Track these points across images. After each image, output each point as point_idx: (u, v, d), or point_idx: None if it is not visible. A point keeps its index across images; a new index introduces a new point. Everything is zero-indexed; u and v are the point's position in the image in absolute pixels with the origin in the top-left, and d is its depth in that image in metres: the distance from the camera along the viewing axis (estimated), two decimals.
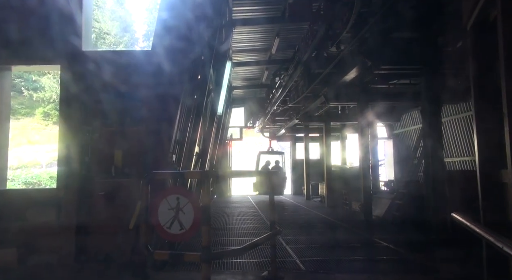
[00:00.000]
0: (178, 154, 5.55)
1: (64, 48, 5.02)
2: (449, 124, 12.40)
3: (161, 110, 4.79)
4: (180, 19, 5.20)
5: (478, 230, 3.52)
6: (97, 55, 5.16)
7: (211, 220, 9.20)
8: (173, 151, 4.76)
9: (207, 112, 9.67)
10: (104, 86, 4.96)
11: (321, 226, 9.12)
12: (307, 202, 16.04)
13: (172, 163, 4.68)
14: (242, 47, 13.16)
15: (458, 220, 3.95)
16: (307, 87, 9.66)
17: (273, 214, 4.65)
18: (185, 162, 5.73)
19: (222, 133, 18.36)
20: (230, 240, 7.22)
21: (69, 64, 5.07)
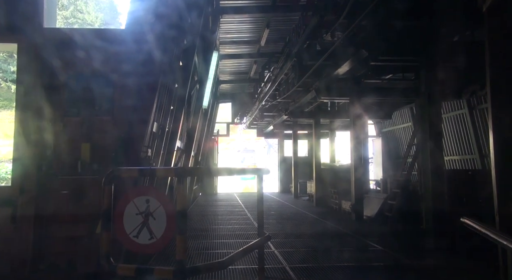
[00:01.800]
0: (157, 148, 4.97)
1: (22, 24, 4.33)
2: None
3: (135, 98, 4.19)
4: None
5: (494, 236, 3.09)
6: (62, 33, 4.51)
7: (194, 220, 8.55)
8: (148, 144, 4.19)
9: (192, 104, 9.07)
10: (69, 70, 4.32)
11: (311, 227, 8.66)
12: (295, 201, 15.61)
13: (147, 158, 4.11)
14: (230, 38, 12.57)
15: (470, 226, 3.53)
16: (298, 80, 9.15)
17: (261, 218, 4.12)
18: (164, 158, 5.16)
19: (208, 128, 17.75)
20: (214, 243, 6.67)
21: (28, 43, 4.38)
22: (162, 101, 4.82)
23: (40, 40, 4.29)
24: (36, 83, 4.30)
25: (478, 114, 12.52)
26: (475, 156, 13.06)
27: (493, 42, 3.61)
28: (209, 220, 9.67)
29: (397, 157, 18.08)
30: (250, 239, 7.00)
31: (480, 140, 12.62)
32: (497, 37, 3.52)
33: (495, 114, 3.48)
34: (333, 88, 9.55)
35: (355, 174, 9.30)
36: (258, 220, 4.23)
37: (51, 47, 4.27)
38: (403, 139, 17.56)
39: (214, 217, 10.44)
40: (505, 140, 3.37)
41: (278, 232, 7.79)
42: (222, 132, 22.45)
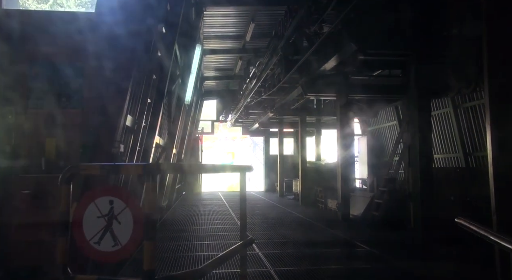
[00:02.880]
0: (132, 144, 4.59)
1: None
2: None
3: (106, 89, 3.81)
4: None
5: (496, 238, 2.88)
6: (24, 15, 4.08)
7: (176, 220, 8.08)
8: (121, 139, 3.82)
9: (173, 99, 8.69)
10: (32, 56, 3.90)
11: (296, 227, 8.41)
12: (281, 200, 15.38)
13: (119, 154, 3.74)
14: (214, 33, 12.20)
15: (465, 226, 3.32)
16: (284, 76, 8.88)
17: (244, 220, 3.82)
18: (140, 155, 4.79)
19: (192, 125, 17.33)
20: (195, 245, 6.32)
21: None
22: (137, 93, 4.45)
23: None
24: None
25: (462, 113, 12.53)
26: (459, 155, 13.08)
27: (492, 36, 3.39)
28: (191, 220, 9.31)
29: (382, 156, 18.07)
30: (233, 240, 6.69)
31: (464, 138, 12.64)
32: (496, 30, 3.30)
33: (493, 111, 3.27)
34: (320, 84, 9.32)
35: (342, 173, 9.10)
36: (241, 222, 3.93)
37: (11, 31, 3.84)
38: (388, 137, 17.55)
39: (196, 216, 10.08)
40: (503, 138, 3.15)
41: (262, 232, 7.51)
42: (207, 130, 22.05)
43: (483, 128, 11.69)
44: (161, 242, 6.44)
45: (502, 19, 3.41)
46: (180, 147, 12.87)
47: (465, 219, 3.41)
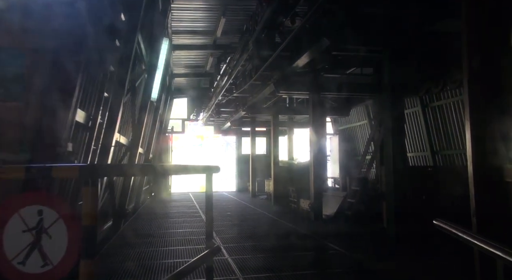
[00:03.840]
0: (86, 142, 4.11)
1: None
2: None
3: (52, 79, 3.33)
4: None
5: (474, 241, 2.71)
6: None
7: (141, 225, 7.42)
8: (69, 137, 3.36)
9: (138, 95, 8.17)
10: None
11: (268, 229, 8.13)
12: (253, 200, 15.09)
13: (65, 154, 3.28)
14: (183, 28, 11.69)
15: (443, 228, 3.15)
16: (255, 72, 8.58)
17: (210, 226, 3.48)
18: (96, 154, 4.32)
19: (161, 124, 16.69)
20: (159, 251, 5.88)
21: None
22: (90, 86, 3.98)
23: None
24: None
25: (430, 112, 12.76)
26: (427, 153, 13.33)
27: (471, 33, 3.24)
28: (158, 224, 8.80)
29: (354, 155, 18.23)
30: (203, 244, 6.31)
31: (432, 137, 12.88)
32: (476, 26, 3.14)
33: (472, 109, 3.12)
34: (292, 82, 9.11)
35: (314, 172, 8.93)
36: (207, 228, 3.59)
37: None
38: (359, 136, 17.72)
39: (164, 220, 9.57)
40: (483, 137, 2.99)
41: (233, 235, 7.17)
42: (178, 129, 21.39)
43: (449, 127, 11.95)
44: (123, 249, 5.96)
45: (481, 17, 3.27)
46: (147, 146, 12.28)
47: (443, 221, 3.26)
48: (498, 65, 3.09)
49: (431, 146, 12.85)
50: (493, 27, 3.18)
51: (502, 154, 2.80)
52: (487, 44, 3.18)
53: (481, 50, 3.18)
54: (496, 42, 3.13)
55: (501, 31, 3.18)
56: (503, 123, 2.88)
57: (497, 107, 2.97)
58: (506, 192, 2.75)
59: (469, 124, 3.06)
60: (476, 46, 3.22)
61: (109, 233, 6.95)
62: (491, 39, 3.17)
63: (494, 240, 2.44)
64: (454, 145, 11.91)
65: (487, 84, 3.10)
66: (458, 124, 11.54)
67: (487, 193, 2.89)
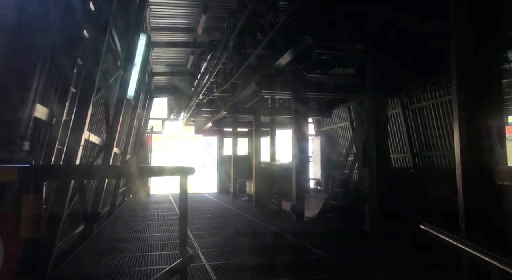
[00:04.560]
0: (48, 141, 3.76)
1: None
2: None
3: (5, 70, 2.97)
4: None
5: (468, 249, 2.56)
6: None
7: (116, 229, 6.94)
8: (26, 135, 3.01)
9: (113, 92, 7.78)
10: None
11: (249, 232, 7.89)
12: (234, 202, 14.82)
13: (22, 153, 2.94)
14: (162, 24, 11.32)
15: (431, 234, 3.00)
16: (236, 70, 8.35)
17: (184, 233, 3.22)
18: (60, 154, 3.97)
19: (140, 123, 16.19)
20: (134, 258, 5.54)
21: None
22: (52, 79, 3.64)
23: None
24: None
25: (410, 114, 12.85)
26: (407, 155, 13.42)
27: (460, 32, 3.11)
28: (134, 228, 8.42)
29: (336, 156, 18.24)
30: None
31: (412, 139, 12.98)
32: (464, 26, 3.01)
33: (461, 108, 2.99)
34: (274, 81, 8.92)
35: (296, 173, 8.77)
36: (181, 234, 3.33)
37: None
38: (341, 138, 17.75)
39: (141, 223, 9.19)
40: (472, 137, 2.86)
41: (212, 239, 6.90)
42: (157, 129, 20.86)
43: (429, 129, 12.07)
44: (94, 256, 5.59)
45: (471, 16, 3.15)
46: (124, 147, 11.82)
47: (431, 226, 3.10)
48: (488, 63, 2.97)
49: (411, 148, 12.94)
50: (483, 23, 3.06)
51: (493, 154, 2.67)
52: (476, 41, 3.06)
53: (471, 48, 3.06)
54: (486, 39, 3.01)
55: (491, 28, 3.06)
56: (493, 123, 2.76)
57: (487, 106, 2.84)
58: (498, 195, 2.62)
59: (457, 123, 2.92)
60: (465, 43, 3.10)
61: (79, 239, 6.54)
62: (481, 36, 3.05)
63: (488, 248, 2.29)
64: (434, 147, 12.04)
65: (477, 82, 2.97)
66: (438, 126, 11.66)
67: (477, 196, 2.75)
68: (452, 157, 11.39)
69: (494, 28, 3.09)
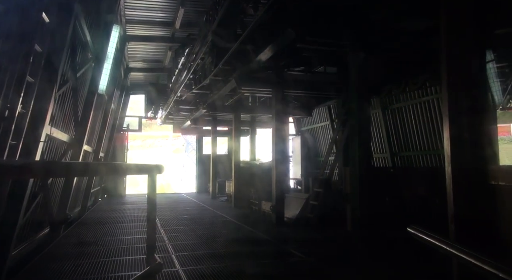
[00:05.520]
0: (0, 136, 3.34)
1: None
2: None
3: None
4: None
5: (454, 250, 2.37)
6: None
7: (86, 231, 6.46)
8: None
9: (83, 85, 7.31)
10: None
11: (227, 234, 7.58)
12: (213, 202, 14.46)
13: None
14: (138, 17, 10.85)
15: (419, 237, 2.80)
16: (215, 65, 8.02)
17: (153, 238, 2.91)
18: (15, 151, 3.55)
19: (115, 121, 15.57)
20: (100, 263, 5.12)
21: None
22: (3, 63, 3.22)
23: None
24: None
25: (389, 114, 12.89)
26: (386, 155, 13.47)
27: (450, 30, 2.94)
28: (105, 230, 7.95)
29: (316, 156, 18.20)
30: None
31: (391, 139, 13.03)
32: (454, 24, 2.84)
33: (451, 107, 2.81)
34: (255, 78, 8.66)
35: (276, 173, 8.53)
36: (148, 240, 3.01)
37: None
38: (321, 137, 17.72)
39: (113, 225, 8.71)
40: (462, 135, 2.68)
41: (187, 242, 6.56)
42: (134, 127, 20.17)
43: (408, 129, 12.13)
44: (56, 262, 5.15)
45: (459, 13, 2.98)
46: (97, 144, 11.27)
47: (419, 229, 2.91)
48: (478, 62, 2.80)
49: (390, 148, 12.99)
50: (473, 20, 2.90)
51: (485, 153, 2.50)
52: (467, 39, 2.89)
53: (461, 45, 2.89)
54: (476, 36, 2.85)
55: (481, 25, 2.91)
56: (484, 121, 2.59)
57: (477, 104, 2.67)
58: (491, 195, 2.44)
59: (447, 121, 2.74)
60: (455, 40, 2.93)
61: (42, 244, 6.05)
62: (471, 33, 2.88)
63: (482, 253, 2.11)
64: (412, 147, 12.11)
65: (467, 79, 2.80)
66: (416, 127, 11.72)
67: (469, 197, 2.57)
68: (430, 157, 11.47)
69: (483, 25, 2.96)
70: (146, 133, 39.00)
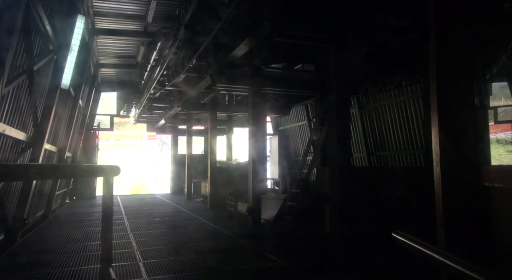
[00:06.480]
0: None
1: None
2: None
3: None
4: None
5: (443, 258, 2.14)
6: None
7: (47, 237, 5.95)
8: None
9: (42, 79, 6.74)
10: None
11: (201, 238, 7.20)
12: (188, 203, 13.99)
13: None
14: (107, 9, 10.22)
15: (405, 243, 2.57)
16: (189, 60, 7.62)
17: (108, 248, 2.55)
18: None
19: (85, 119, 14.79)
20: (56, 274, 4.62)
21: None
22: None
23: None
24: None
25: (366, 113, 12.90)
26: (363, 154, 13.48)
27: (440, 24, 2.72)
28: (70, 235, 7.38)
29: (293, 155, 18.07)
30: (119, 262, 5.21)
31: (368, 138, 13.04)
32: (445, 19, 2.62)
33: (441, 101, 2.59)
34: (231, 75, 8.31)
35: (253, 173, 8.22)
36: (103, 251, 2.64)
37: None
38: (299, 137, 17.60)
39: (78, 229, 8.14)
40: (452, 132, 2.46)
41: (157, 247, 6.14)
42: (106, 126, 19.33)
43: (384, 129, 12.16)
44: (7, 274, 4.63)
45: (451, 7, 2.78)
46: (62, 144, 10.57)
47: (405, 234, 2.68)
48: (470, 54, 2.59)
49: (367, 147, 13.00)
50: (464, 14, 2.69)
51: (478, 153, 2.29)
52: (457, 32, 2.68)
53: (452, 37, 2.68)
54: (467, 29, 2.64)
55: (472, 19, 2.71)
56: (476, 117, 2.38)
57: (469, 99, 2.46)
58: (485, 198, 2.23)
59: (436, 118, 2.52)
60: (446, 34, 2.71)
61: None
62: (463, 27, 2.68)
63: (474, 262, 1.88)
64: (388, 146, 12.14)
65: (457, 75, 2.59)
66: (393, 126, 11.76)
67: (460, 200, 2.36)
68: (406, 157, 11.53)
69: (474, 18, 2.77)
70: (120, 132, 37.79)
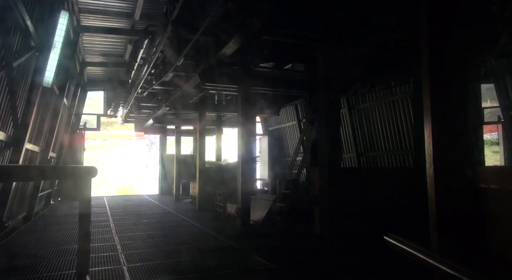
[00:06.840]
0: None
1: None
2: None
3: None
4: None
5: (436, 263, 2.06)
6: None
7: (28, 241, 5.79)
8: None
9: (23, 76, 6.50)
10: None
11: (189, 240, 7.03)
12: (176, 204, 13.78)
13: None
14: (93, 6, 9.98)
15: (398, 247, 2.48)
16: (176, 58, 7.46)
17: (86, 255, 2.41)
18: None
19: (70, 118, 14.44)
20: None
21: None
22: None
23: None
24: None
25: (356, 114, 12.89)
26: (352, 155, 13.47)
27: (434, 24, 2.64)
28: (52, 238, 7.13)
29: (283, 156, 17.99)
30: (103, 266, 5.02)
31: (357, 139, 13.03)
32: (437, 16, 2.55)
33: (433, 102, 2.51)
34: (220, 73, 8.17)
35: (242, 173, 8.09)
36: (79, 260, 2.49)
37: None
38: (288, 137, 17.53)
39: (62, 232, 7.88)
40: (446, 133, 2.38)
41: (143, 250, 5.96)
42: (92, 125, 18.93)
43: (373, 129, 12.16)
44: None
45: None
46: (46, 144, 10.27)
47: (397, 238, 2.59)
48: (464, 54, 2.52)
49: (356, 148, 12.99)
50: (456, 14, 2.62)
51: (472, 154, 2.22)
52: (450, 32, 2.61)
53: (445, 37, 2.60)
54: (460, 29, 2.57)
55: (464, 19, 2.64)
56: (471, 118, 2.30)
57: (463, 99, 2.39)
58: (480, 200, 2.15)
59: (429, 118, 2.43)
60: (438, 33, 2.64)
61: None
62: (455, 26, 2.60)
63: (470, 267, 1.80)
64: (378, 147, 12.15)
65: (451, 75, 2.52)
66: (382, 127, 11.77)
67: (454, 202, 2.28)
68: (396, 157, 11.55)
69: (468, 18, 2.71)
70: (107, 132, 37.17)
